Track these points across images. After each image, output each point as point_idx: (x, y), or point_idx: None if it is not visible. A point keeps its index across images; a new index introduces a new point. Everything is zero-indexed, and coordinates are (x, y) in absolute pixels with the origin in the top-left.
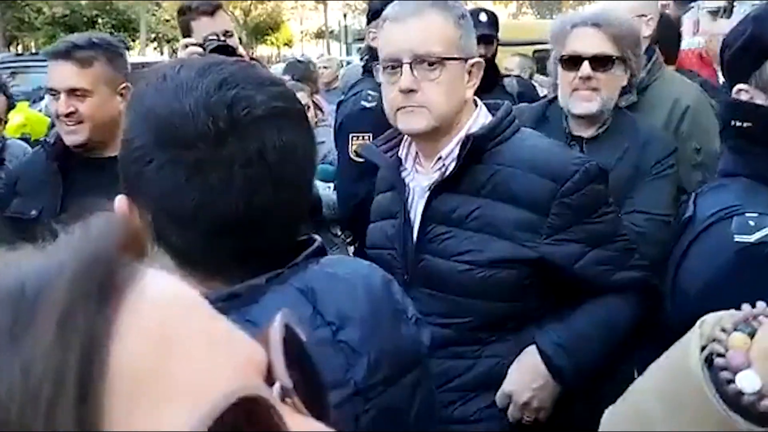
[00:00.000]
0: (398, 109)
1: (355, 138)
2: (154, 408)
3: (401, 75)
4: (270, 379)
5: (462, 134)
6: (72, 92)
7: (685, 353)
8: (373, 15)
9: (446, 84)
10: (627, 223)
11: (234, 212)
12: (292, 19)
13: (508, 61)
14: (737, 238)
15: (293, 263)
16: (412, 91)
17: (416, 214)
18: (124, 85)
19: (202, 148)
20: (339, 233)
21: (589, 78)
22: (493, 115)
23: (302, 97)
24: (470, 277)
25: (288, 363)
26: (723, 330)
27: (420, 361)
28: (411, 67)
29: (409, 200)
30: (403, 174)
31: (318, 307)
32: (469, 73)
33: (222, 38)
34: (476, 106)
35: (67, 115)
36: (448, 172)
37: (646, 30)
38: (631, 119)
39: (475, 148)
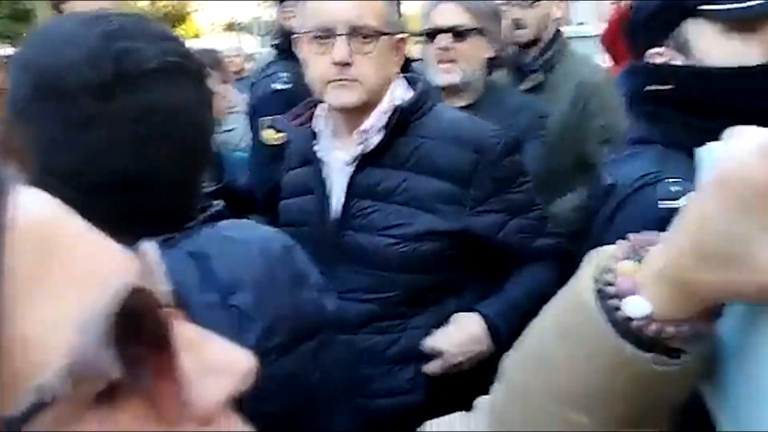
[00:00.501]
0: (329, 82)
1: (266, 122)
2: (53, 291)
3: (333, 46)
4: None
5: (384, 107)
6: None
7: (578, 286)
8: None
9: (379, 58)
10: None
11: (121, 171)
12: (200, 10)
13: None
14: (661, 204)
15: (187, 227)
16: (346, 64)
17: (336, 189)
18: None
19: (86, 102)
20: None
21: (447, 49)
22: (412, 88)
23: (210, 83)
24: (395, 251)
25: None
26: (614, 260)
27: (322, 328)
28: (347, 39)
29: (326, 175)
30: (317, 148)
31: (208, 271)
32: (397, 48)
33: None
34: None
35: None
36: (372, 146)
37: (558, 12)
38: (503, 90)
39: (400, 121)
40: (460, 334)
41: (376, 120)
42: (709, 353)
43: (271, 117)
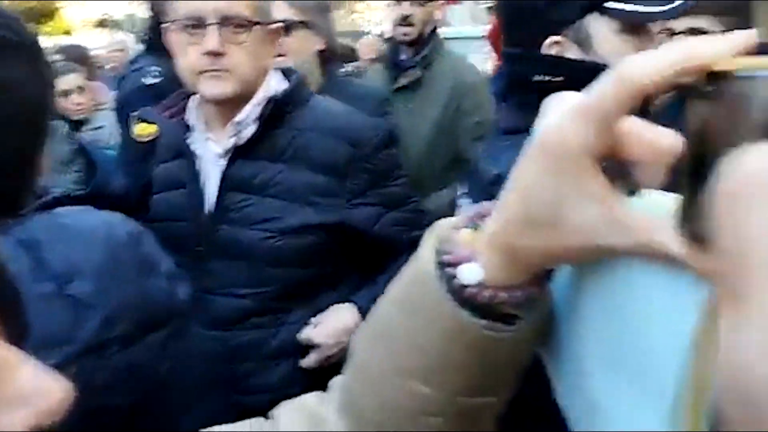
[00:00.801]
0: (201, 73)
1: (136, 117)
2: None
3: (204, 36)
4: None
5: (258, 98)
6: None
7: (420, 256)
8: None
9: (252, 48)
10: None
11: None
12: (68, 5)
13: None
14: None
15: (20, 214)
16: (219, 54)
17: (210, 182)
18: None
19: None
20: None
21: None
22: (288, 80)
23: (75, 79)
24: (271, 245)
25: None
26: (455, 230)
27: (172, 318)
28: (219, 29)
29: (199, 169)
30: (190, 141)
31: (41, 259)
32: (271, 39)
33: None
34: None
35: None
36: (246, 138)
37: (437, 13)
38: (344, 81)
39: (275, 112)
40: (334, 326)
41: (249, 111)
42: (545, 319)
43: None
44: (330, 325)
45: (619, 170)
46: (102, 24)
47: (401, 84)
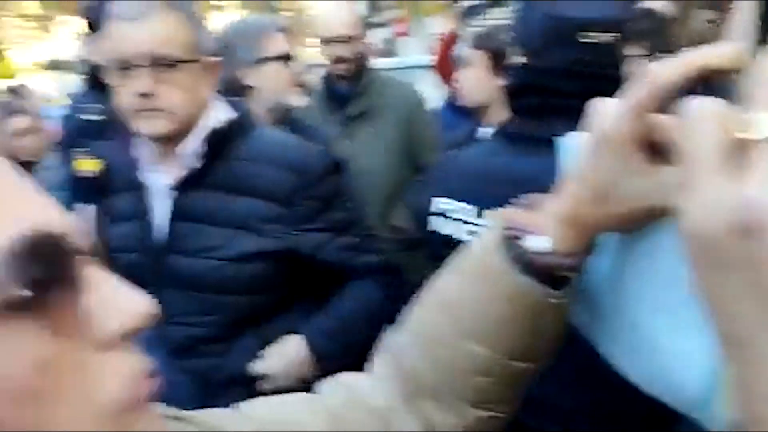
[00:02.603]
0: (136, 112)
1: (79, 154)
2: None
3: (136, 78)
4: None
5: (199, 131)
6: None
7: (482, 236)
8: (90, 27)
9: (185, 86)
10: None
11: None
12: (16, 48)
13: None
14: None
15: None
16: (150, 94)
17: (159, 213)
18: None
19: None
20: None
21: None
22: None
23: (23, 120)
24: (220, 272)
25: None
26: (515, 214)
27: None
28: (148, 70)
29: (149, 200)
30: (138, 174)
31: None
32: (209, 71)
33: None
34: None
35: None
36: (192, 169)
37: (365, 45)
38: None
39: (218, 144)
40: (282, 358)
41: (192, 144)
42: (578, 287)
43: (83, 149)
44: (277, 356)
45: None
46: (54, 66)
47: (351, 114)
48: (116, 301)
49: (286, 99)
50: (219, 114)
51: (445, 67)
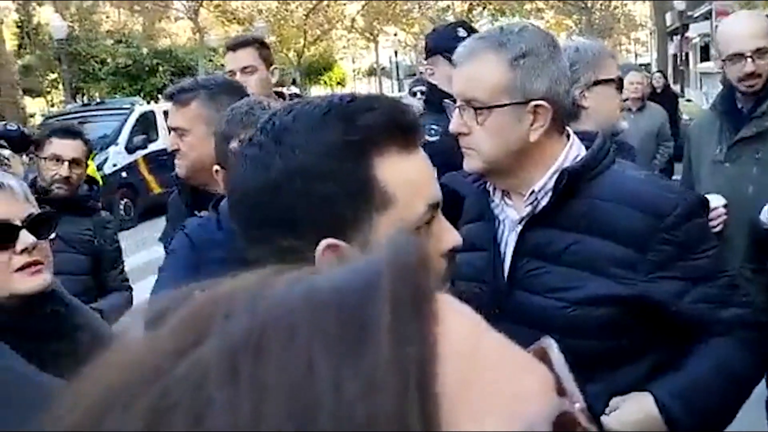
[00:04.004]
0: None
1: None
2: (477, 418)
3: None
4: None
5: (554, 168)
6: (174, 130)
7: None
8: (429, 52)
9: (494, 128)
10: None
11: None
12: (345, 58)
13: None
14: None
15: None
16: (462, 133)
17: (507, 247)
18: None
19: None
20: None
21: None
22: (587, 146)
23: None
24: (563, 314)
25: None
26: None
27: None
28: (460, 111)
29: (499, 233)
30: (492, 206)
31: None
32: (534, 113)
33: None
34: (568, 137)
35: (174, 152)
36: (540, 206)
37: None
38: None
39: (571, 182)
40: (631, 416)
41: (545, 180)
42: None
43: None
44: (626, 414)
45: None
46: (371, 73)
47: (746, 135)
48: None
49: (615, 122)
50: (573, 152)
51: None
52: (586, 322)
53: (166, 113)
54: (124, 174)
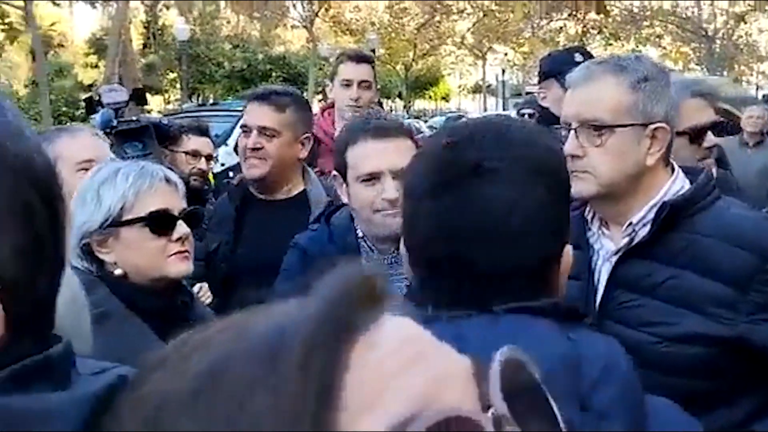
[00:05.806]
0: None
1: None
2: (354, 418)
3: (570, 138)
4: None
5: (656, 200)
6: (262, 130)
7: None
8: (544, 75)
9: (613, 150)
10: None
11: None
12: (452, 74)
13: None
14: None
15: None
16: (576, 156)
17: (600, 277)
18: (306, 135)
19: None
20: None
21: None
22: (690, 180)
23: None
24: (655, 349)
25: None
26: None
27: None
28: (576, 132)
29: (593, 262)
30: (588, 235)
31: None
32: (652, 137)
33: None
34: (672, 170)
35: (254, 150)
36: (638, 238)
37: None
38: None
39: (671, 216)
40: None
41: (644, 213)
42: None
43: None
44: None
45: None
46: (476, 90)
47: None
48: None
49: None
50: (676, 185)
51: None
52: (678, 359)
53: None
54: (231, 174)
